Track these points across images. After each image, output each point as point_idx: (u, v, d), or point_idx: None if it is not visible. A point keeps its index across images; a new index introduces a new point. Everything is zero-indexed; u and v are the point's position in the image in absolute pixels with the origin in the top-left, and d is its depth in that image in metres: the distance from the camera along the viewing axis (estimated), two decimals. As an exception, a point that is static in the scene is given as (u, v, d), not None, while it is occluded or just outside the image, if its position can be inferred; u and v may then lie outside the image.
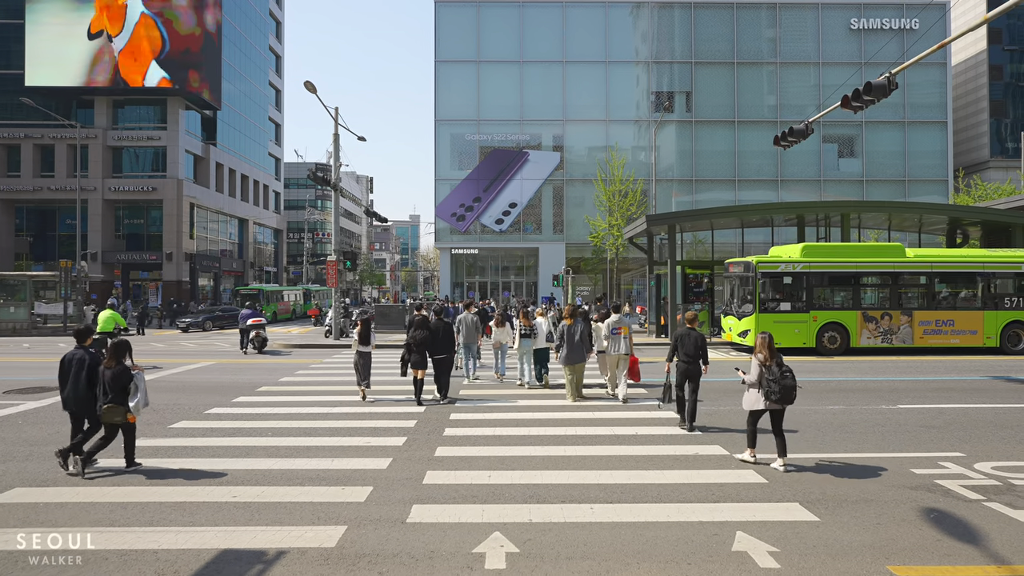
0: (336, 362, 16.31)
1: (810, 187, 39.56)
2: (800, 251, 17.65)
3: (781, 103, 39.72)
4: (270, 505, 5.48)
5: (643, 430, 8.20)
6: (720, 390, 11.34)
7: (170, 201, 39.20)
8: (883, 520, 5.10)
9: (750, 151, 39.68)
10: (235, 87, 47.02)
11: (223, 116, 45.33)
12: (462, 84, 39.66)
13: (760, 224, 25.60)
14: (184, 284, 39.92)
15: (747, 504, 5.47)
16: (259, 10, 51.98)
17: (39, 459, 6.91)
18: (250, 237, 51.51)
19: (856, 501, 5.55)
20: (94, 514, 5.28)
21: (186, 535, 4.82)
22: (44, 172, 39.43)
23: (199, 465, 6.66)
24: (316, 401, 10.36)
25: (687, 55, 39.81)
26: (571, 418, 8.94)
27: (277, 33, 58.26)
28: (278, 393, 11.19)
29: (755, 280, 17.12)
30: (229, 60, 45.22)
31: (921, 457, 6.94)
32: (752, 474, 6.30)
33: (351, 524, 5.03)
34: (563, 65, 39.47)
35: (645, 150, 39.24)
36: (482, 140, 39.28)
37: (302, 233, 66.86)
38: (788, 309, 17.19)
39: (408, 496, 5.68)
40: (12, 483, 6.09)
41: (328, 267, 22.43)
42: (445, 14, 39.73)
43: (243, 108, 49.05)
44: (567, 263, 36.85)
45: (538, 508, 5.37)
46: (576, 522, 5.06)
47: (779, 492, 5.79)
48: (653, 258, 24.43)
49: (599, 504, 5.46)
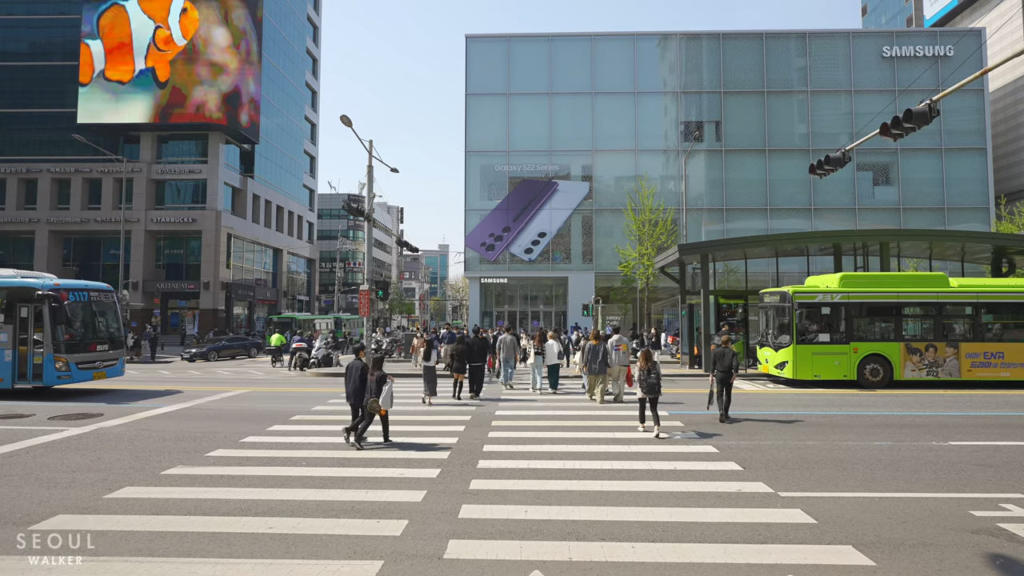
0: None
1: (844, 215, 38.86)
2: (839, 281, 17.25)
3: (813, 131, 39.34)
4: (306, 537, 5.44)
5: (682, 465, 7.98)
6: (760, 424, 11.01)
7: (209, 232, 40.35)
8: (945, 566, 4.82)
9: (782, 179, 39.25)
10: (272, 121, 48.61)
11: (260, 149, 46.79)
12: (492, 116, 40.29)
13: (794, 253, 25.15)
14: (220, 312, 40.81)
15: (797, 546, 5.23)
16: (296, 47, 53.89)
17: (81, 486, 7.00)
18: (284, 266, 52.57)
19: (914, 545, 5.26)
20: (134, 543, 5.30)
21: (224, 567, 4.79)
22: (91, 204, 41.06)
23: (236, 495, 6.66)
24: (349, 431, 10.34)
25: (716, 85, 39.88)
26: (607, 452, 8.76)
27: (313, 69, 60.22)
28: (312, 422, 11.23)
29: (792, 311, 16.74)
30: (268, 96, 46.86)
31: (980, 498, 6.58)
32: (800, 513, 6.04)
33: (387, 559, 4.95)
34: (592, 96, 39.87)
35: (674, 179, 39.13)
36: (512, 171, 39.68)
37: (334, 263, 67.98)
38: (827, 340, 16.73)
39: (444, 530, 5.58)
40: (56, 509, 6.17)
41: (360, 296, 22.64)
42: (476, 49, 40.63)
43: (280, 142, 50.59)
44: (596, 292, 36.62)
45: (577, 546, 5.22)
46: (618, 561, 4.89)
47: (830, 534, 5.53)
48: (685, 288, 24.13)
49: (641, 543, 5.28)
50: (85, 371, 15.14)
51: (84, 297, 15.66)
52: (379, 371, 9.23)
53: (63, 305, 14.60)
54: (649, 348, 10.02)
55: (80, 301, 15.48)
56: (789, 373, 16.68)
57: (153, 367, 24.58)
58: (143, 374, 21.08)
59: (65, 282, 15.49)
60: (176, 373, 22.55)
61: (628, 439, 9.60)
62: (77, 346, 15.03)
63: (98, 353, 15.69)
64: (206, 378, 20.31)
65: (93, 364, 15.44)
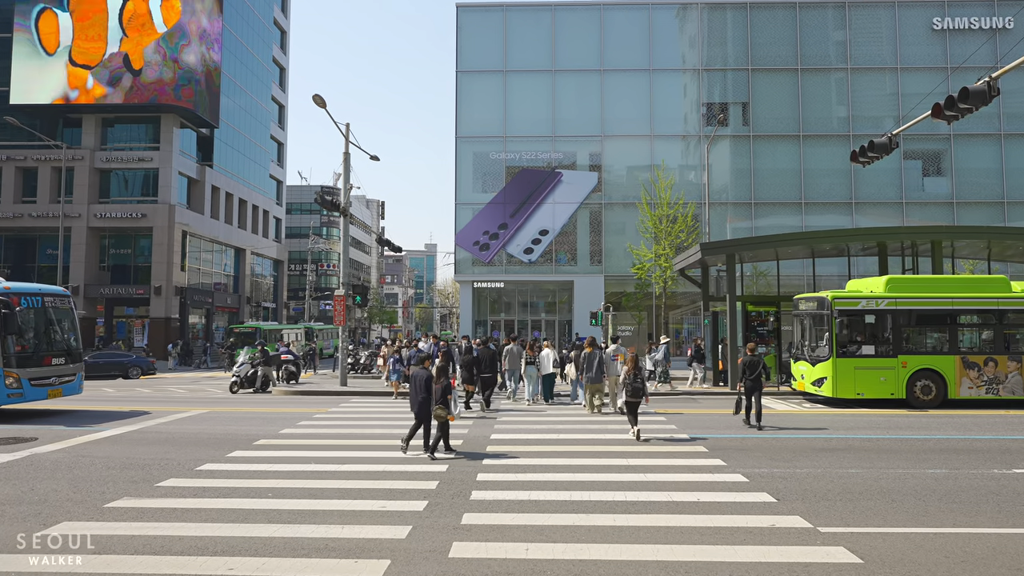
0: (346, 412, 16.28)
1: (890, 210, 38.98)
2: (884, 285, 17.30)
3: (853, 114, 39.48)
4: (272, 580, 5.38)
5: (707, 496, 7.94)
6: (796, 449, 10.98)
7: (160, 229, 40.28)
8: (1012, 612, 4.79)
9: (818, 169, 39.37)
10: (235, 102, 48.64)
11: (221, 134, 46.80)
12: (487, 97, 40.36)
13: (833, 254, 25.20)
14: (173, 321, 40.70)
15: (840, 589, 5.19)
16: (263, 18, 54.00)
17: (10, 521, 6.93)
18: (247, 269, 52.52)
19: (975, 588, 5.23)
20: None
21: (176, 615, 4.73)
22: (26, 197, 40.97)
23: (191, 531, 6.60)
24: (323, 457, 10.31)
25: (742, 61, 40.04)
26: (620, 480, 8.72)
27: (282, 43, 60.37)
28: (279, 447, 11.18)
29: (831, 319, 16.75)
30: (230, 73, 46.89)
31: (1050, 534, 6.56)
32: (843, 552, 6.01)
33: (367, 605, 4.90)
34: (601, 74, 39.98)
35: (695, 169, 39.23)
36: (509, 159, 39.74)
37: (304, 264, 67.98)
38: (871, 353, 16.75)
39: (432, 572, 5.53)
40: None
41: (335, 302, 22.63)
42: (468, 20, 40.75)
43: (243, 125, 50.62)
44: (606, 299, 36.64)
45: (587, 589, 5.18)
46: (634, 608, 4.85)
47: (878, 575, 5.49)
48: (708, 293, 24.15)
49: (660, 586, 5.24)
50: (39, 388, 14.89)
51: (38, 303, 15.37)
52: (445, 379, 10.53)
53: (14, 312, 14.18)
54: (636, 356, 12.38)
55: (33, 308, 15.15)
56: (828, 391, 16.68)
57: (96, 384, 24.48)
58: (89, 392, 20.98)
59: (16, 285, 15.23)
60: (122, 391, 22.47)
61: (644, 466, 9.57)
62: (30, 359, 14.76)
63: (53, 368, 15.40)
64: (159, 396, 20.23)
65: (48, 380, 15.18)
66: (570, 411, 15.99)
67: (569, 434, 12.47)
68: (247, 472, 9.27)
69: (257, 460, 10.09)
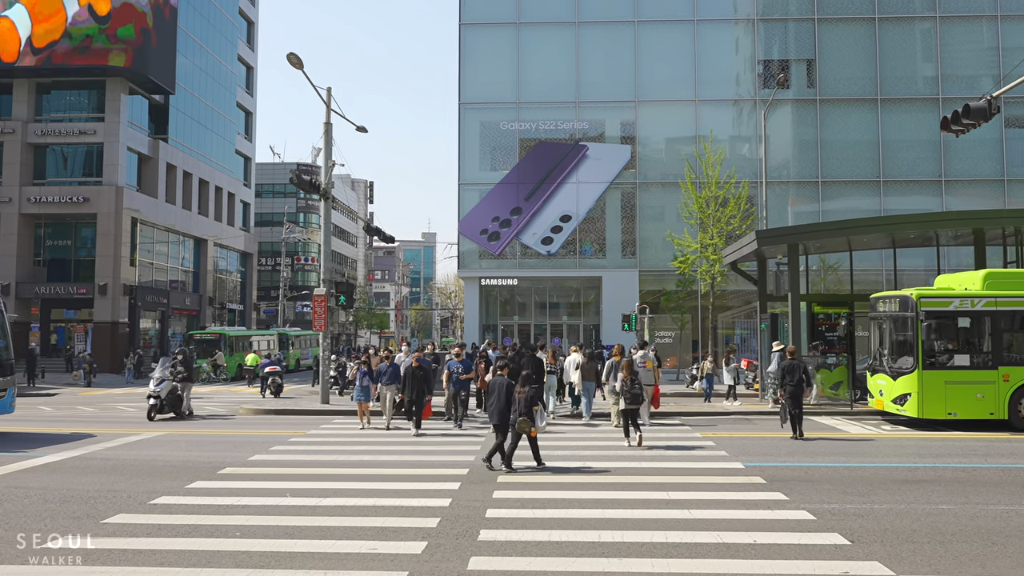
0: (327, 434, 16.37)
1: (988, 190, 38.59)
2: (982, 280, 17.18)
3: (943, 73, 39.13)
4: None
5: (765, 537, 7.91)
6: (872, 480, 10.93)
7: (106, 216, 40.62)
8: None
9: (899, 141, 39.06)
10: (194, 63, 48.92)
11: (177, 102, 47.11)
12: (496, 55, 40.36)
13: (919, 243, 25.02)
14: (122, 326, 41.03)
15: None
16: (227, -37, 54.33)
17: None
18: (209, 263, 52.84)
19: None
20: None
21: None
22: (-54, 178, 41.48)
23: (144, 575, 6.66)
24: (301, 489, 10.37)
25: (807, 9, 39.77)
26: (659, 518, 8.70)
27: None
28: (248, 477, 11.25)
29: (916, 322, 16.60)
30: (186, 27, 47.14)
31: None
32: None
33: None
34: (634, 26, 39.85)
35: (750, 141, 39.05)
36: (523, 130, 39.72)
37: (278, 258, 68.31)
38: (965, 364, 16.65)
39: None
40: None
41: (315, 303, 22.77)
42: (473, -38, 40.75)
43: (203, 91, 50.94)
44: (641, 298, 36.52)
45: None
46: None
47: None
48: (766, 291, 24.04)
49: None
50: None
51: None
52: (528, 388, 11.51)
53: None
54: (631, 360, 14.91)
55: None
56: (912, 410, 16.57)
57: (32, 400, 24.74)
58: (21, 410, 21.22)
59: None
60: (61, 409, 22.71)
61: (688, 500, 9.55)
62: None
63: None
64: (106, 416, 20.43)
65: None
66: (598, 433, 15.97)
67: (597, 461, 12.45)
68: (211, 506, 9.32)
69: (222, 492, 10.14)
